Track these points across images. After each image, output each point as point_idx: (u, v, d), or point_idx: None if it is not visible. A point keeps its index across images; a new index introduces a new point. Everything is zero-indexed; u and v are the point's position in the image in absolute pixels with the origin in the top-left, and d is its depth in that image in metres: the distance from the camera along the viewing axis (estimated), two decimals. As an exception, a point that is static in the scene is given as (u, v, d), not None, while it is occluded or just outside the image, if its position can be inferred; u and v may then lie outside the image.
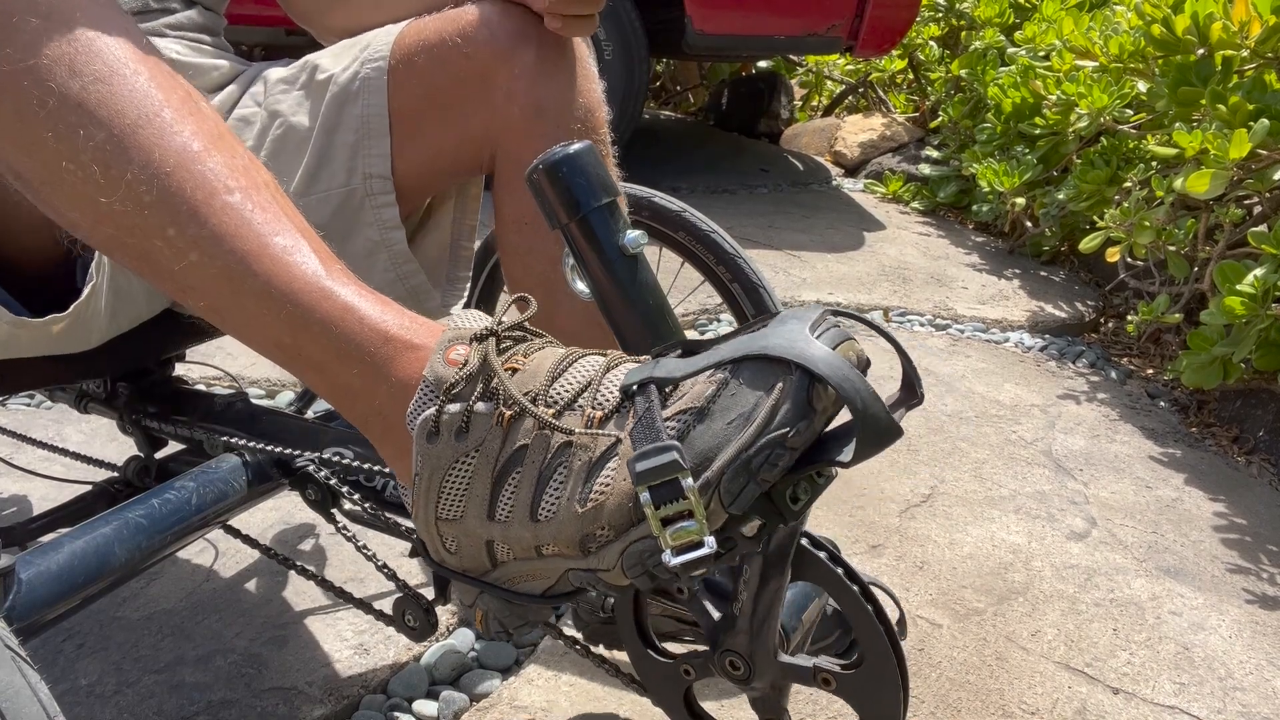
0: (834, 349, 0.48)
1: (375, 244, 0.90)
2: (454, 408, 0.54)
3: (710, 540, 0.48)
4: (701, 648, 0.67)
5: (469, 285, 1.28)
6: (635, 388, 0.52)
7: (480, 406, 0.53)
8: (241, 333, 0.58)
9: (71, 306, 0.73)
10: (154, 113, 0.55)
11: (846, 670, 0.63)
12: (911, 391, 0.53)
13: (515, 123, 0.85)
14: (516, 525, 0.53)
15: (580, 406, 0.53)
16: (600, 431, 0.51)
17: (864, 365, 0.51)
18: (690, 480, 0.47)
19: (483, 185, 1.01)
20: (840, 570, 0.61)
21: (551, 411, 0.53)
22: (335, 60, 0.91)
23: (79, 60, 0.54)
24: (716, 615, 0.65)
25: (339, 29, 0.99)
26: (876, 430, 0.47)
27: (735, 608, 0.63)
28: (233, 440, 0.89)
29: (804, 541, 0.62)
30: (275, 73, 0.96)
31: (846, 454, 0.49)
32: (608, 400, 0.52)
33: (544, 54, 0.84)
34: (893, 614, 0.72)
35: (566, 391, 0.53)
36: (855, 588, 0.61)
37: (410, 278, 0.93)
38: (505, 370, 0.54)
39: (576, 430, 0.52)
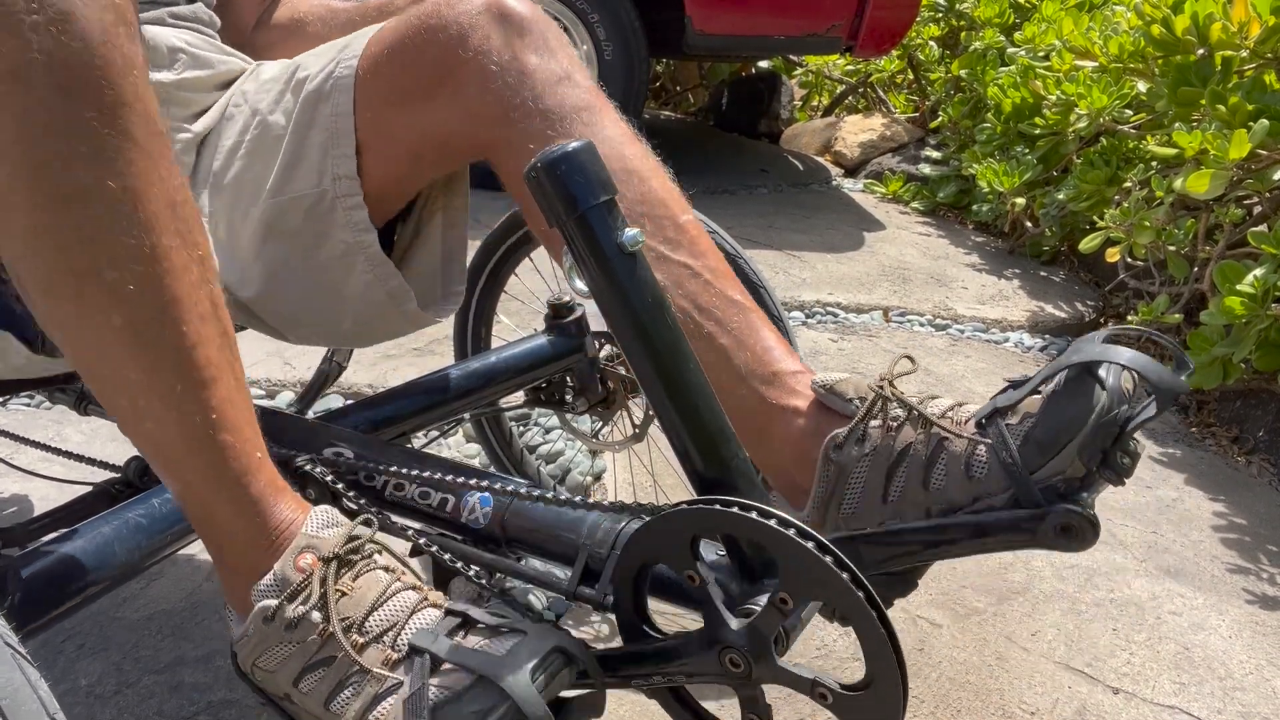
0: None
1: (350, 246, 0.90)
2: (291, 606, 0.61)
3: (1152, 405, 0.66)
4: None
5: (466, 290, 1.28)
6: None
7: (314, 616, 0.61)
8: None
9: None
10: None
11: (846, 691, 0.61)
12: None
13: (489, 110, 0.83)
14: (311, 704, 0.61)
15: (383, 642, 0.61)
16: (387, 674, 0.60)
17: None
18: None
19: (468, 194, 1.00)
20: (862, 594, 0.59)
21: (362, 641, 0.61)
22: (316, 60, 0.91)
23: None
24: (723, 609, 0.64)
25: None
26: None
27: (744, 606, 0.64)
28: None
29: (828, 560, 0.59)
30: (267, 70, 0.96)
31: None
32: (402, 648, 0.61)
33: (502, 37, 0.83)
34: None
35: (377, 626, 0.62)
36: (874, 613, 0.59)
37: (388, 280, 0.92)
38: (334, 593, 0.62)
39: (374, 669, 0.60)
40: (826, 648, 1.16)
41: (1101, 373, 0.66)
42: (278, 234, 0.90)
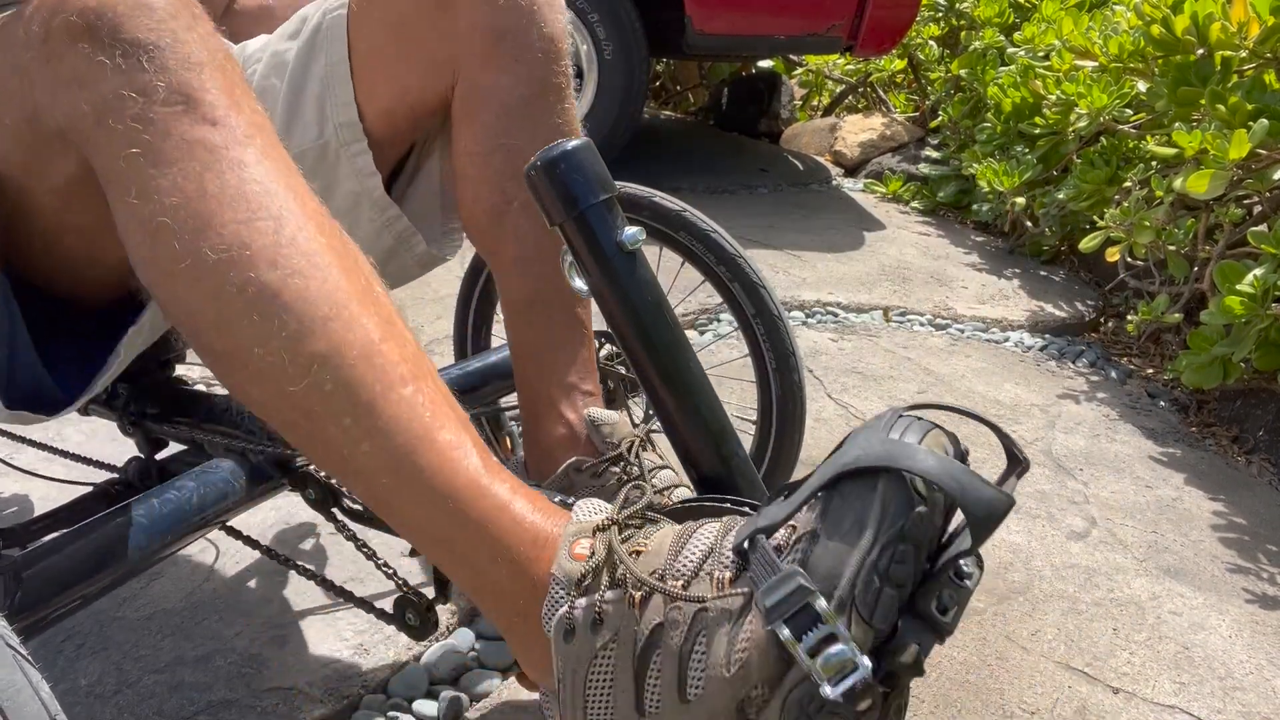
0: (919, 442, 0.49)
1: (356, 195, 0.89)
2: (584, 601, 0.54)
3: (865, 661, 0.46)
4: None
5: (462, 284, 1.28)
6: (746, 543, 0.52)
7: (610, 595, 0.54)
8: (398, 521, 0.59)
9: (97, 382, 0.76)
10: (343, 305, 0.58)
11: None
12: (1015, 460, 0.53)
13: (475, 49, 0.83)
14: (668, 713, 0.51)
15: (707, 573, 0.52)
16: (731, 591, 0.51)
17: (957, 450, 0.51)
18: (823, 602, 0.47)
19: None
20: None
21: (680, 583, 0.52)
22: (303, 17, 0.91)
23: (280, 254, 0.57)
24: None
25: None
26: (981, 505, 0.47)
27: None
28: (233, 441, 0.89)
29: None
30: (254, 43, 0.96)
31: (966, 540, 0.48)
32: (731, 560, 0.52)
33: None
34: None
35: (690, 562, 0.53)
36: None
37: (394, 223, 0.92)
38: (630, 555, 0.55)
39: (707, 597, 0.51)
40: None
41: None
42: None
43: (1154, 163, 2.26)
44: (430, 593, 0.84)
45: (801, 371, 1.10)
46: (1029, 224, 2.86)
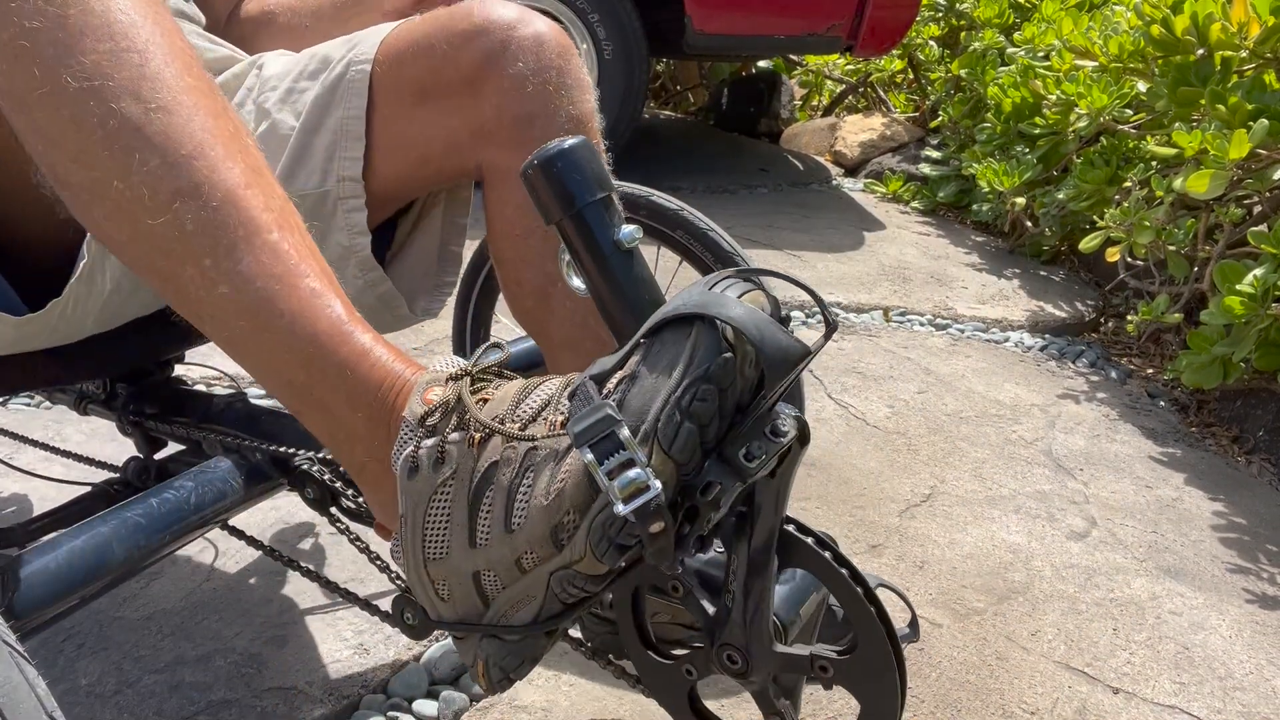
0: (738, 298, 0.53)
1: (346, 249, 0.89)
2: (430, 441, 0.57)
3: (656, 484, 0.50)
4: (701, 645, 0.67)
5: (461, 283, 1.28)
6: (575, 390, 0.56)
7: (453, 436, 0.56)
8: (254, 366, 0.60)
9: (66, 289, 0.73)
10: (209, 146, 0.57)
11: (842, 657, 0.62)
12: (829, 324, 0.57)
13: (503, 133, 0.83)
14: (496, 544, 0.55)
15: (545, 419, 0.56)
16: (560, 432, 0.54)
17: (775, 310, 0.55)
18: (626, 431, 0.51)
19: (473, 186, 1.00)
20: (828, 554, 0.61)
21: (517, 426, 0.56)
22: (326, 59, 0.91)
23: (145, 88, 0.56)
24: (711, 610, 0.65)
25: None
26: (777, 350, 0.51)
27: (728, 600, 0.63)
28: (232, 440, 0.89)
29: (790, 528, 0.61)
30: (273, 65, 0.96)
31: (781, 400, 0.52)
32: (566, 408, 0.56)
33: (537, 63, 0.83)
34: (905, 616, 0.72)
35: (530, 410, 0.56)
36: (845, 570, 0.60)
37: (378, 285, 0.92)
38: (476, 403, 0.57)
39: (538, 436, 0.55)
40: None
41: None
42: None
43: (1154, 163, 2.26)
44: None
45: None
46: (1029, 224, 2.86)
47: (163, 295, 0.60)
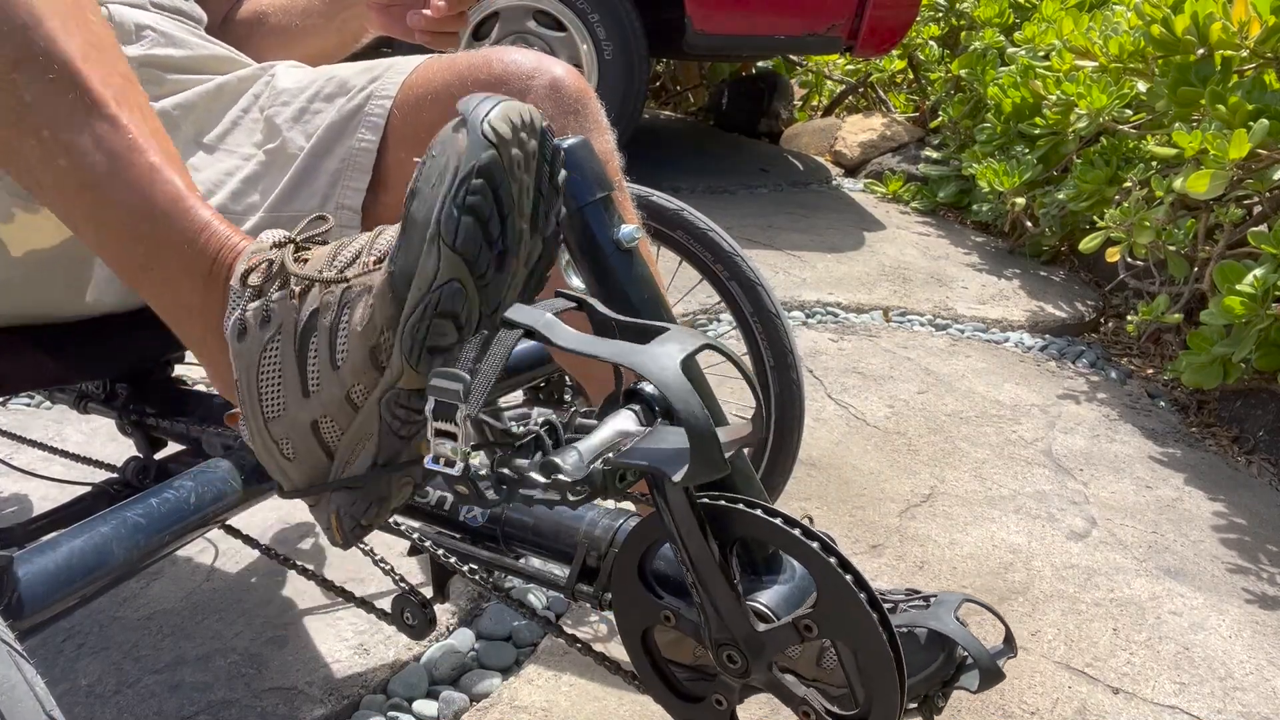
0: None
1: None
2: (255, 304, 0.58)
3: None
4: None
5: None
6: (384, 230, 0.59)
7: (277, 295, 0.58)
8: (95, 240, 0.61)
9: None
10: (44, 18, 0.58)
11: (818, 609, 0.60)
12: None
13: None
14: (326, 385, 0.57)
15: (360, 262, 0.58)
16: (374, 269, 0.56)
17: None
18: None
19: None
20: (798, 531, 0.58)
21: (334, 273, 0.57)
22: (343, 85, 0.90)
23: None
24: (695, 618, 0.64)
25: (274, 59, 0.99)
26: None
27: (698, 596, 0.62)
28: (232, 440, 0.89)
29: (759, 511, 0.60)
30: (286, 78, 0.95)
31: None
32: (381, 248, 0.58)
33: (555, 109, 0.83)
34: (999, 632, 0.74)
35: (345, 259, 0.58)
36: (814, 544, 0.58)
37: None
38: (296, 263, 0.59)
39: (351, 276, 0.57)
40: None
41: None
42: None
43: (1154, 163, 2.26)
44: (429, 592, 0.84)
45: (800, 370, 1.10)
46: (1029, 224, 2.86)
47: (8, 169, 0.61)
